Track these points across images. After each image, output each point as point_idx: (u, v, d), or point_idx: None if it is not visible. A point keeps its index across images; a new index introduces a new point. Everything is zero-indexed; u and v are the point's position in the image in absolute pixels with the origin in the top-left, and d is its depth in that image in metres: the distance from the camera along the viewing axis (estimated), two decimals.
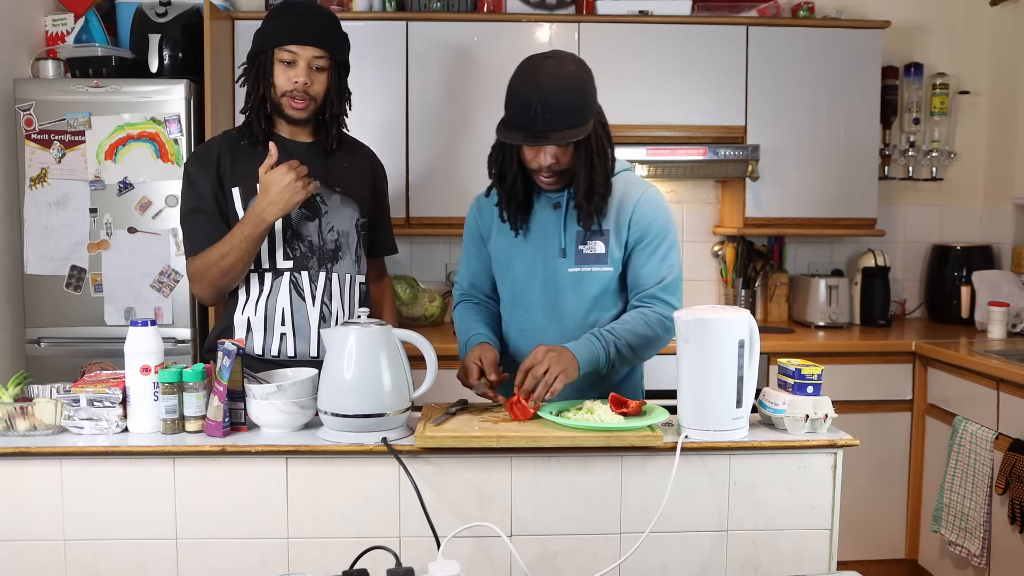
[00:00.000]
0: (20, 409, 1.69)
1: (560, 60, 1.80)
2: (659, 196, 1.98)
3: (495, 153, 1.93)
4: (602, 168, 1.88)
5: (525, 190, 1.95)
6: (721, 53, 3.38)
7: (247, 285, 2.07)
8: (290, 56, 1.99)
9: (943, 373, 3.14)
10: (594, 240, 1.93)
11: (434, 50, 3.30)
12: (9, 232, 3.05)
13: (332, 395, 1.65)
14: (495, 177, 1.94)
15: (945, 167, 3.84)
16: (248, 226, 1.94)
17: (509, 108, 1.81)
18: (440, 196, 3.31)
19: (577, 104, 1.78)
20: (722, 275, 3.79)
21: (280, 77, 2.00)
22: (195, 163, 2.07)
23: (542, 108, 1.74)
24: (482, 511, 1.67)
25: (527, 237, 1.98)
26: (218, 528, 1.67)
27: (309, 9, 2.03)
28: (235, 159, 2.05)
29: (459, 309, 2.13)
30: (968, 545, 2.88)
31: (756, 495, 1.70)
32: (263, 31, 2.03)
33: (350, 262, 2.12)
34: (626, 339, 1.86)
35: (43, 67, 3.12)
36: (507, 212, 1.96)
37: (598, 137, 1.87)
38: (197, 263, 2.02)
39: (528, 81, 1.77)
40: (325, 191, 2.07)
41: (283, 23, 2.00)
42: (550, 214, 1.96)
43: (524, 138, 1.78)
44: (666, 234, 1.94)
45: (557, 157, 1.84)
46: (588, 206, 1.88)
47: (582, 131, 1.79)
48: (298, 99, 2.01)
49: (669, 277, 1.93)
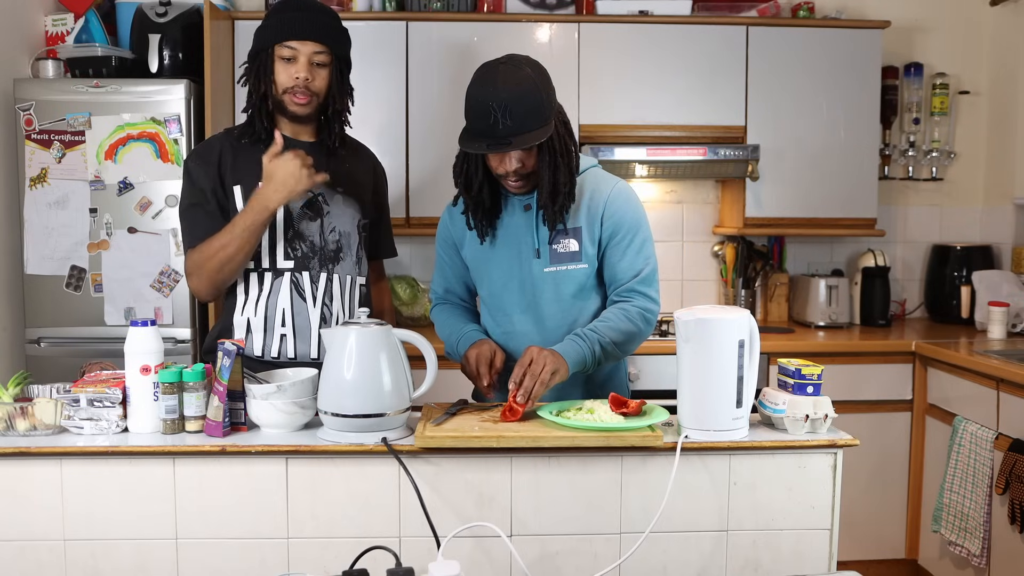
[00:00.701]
0: (20, 409, 1.69)
1: (515, 64, 1.80)
2: (629, 191, 1.99)
3: (459, 162, 1.93)
4: (566, 167, 1.88)
5: (492, 196, 1.95)
6: (721, 53, 3.38)
7: (246, 285, 2.06)
8: (290, 52, 1.98)
9: (943, 373, 3.14)
10: (567, 238, 1.94)
11: (434, 50, 3.30)
12: (9, 232, 3.05)
13: (332, 395, 1.65)
14: (461, 186, 1.95)
15: (945, 167, 3.84)
16: (250, 214, 1.93)
17: (469, 116, 1.81)
18: (440, 196, 3.26)
19: (536, 106, 1.78)
20: (722, 275, 3.79)
21: (281, 74, 2.00)
22: (196, 160, 2.07)
23: (501, 113, 1.74)
24: (482, 511, 1.67)
25: (500, 242, 1.98)
26: (218, 528, 1.67)
27: (309, 5, 2.03)
28: (236, 157, 2.05)
29: (439, 310, 2.14)
30: (968, 545, 2.88)
31: (756, 495, 1.70)
32: (263, 28, 2.03)
33: (351, 263, 2.12)
34: (609, 336, 1.87)
35: (43, 67, 3.12)
36: (474, 220, 1.97)
37: (560, 137, 1.87)
38: (195, 256, 2.00)
39: (485, 88, 1.78)
40: (327, 191, 2.07)
41: (283, 20, 2.00)
42: (521, 216, 1.96)
43: (487, 146, 1.79)
44: (639, 227, 1.95)
45: (522, 161, 1.84)
46: (553, 206, 1.89)
47: (544, 133, 1.80)
48: (300, 95, 2.00)
49: (646, 269, 1.94)
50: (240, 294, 2.07)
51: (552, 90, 1.85)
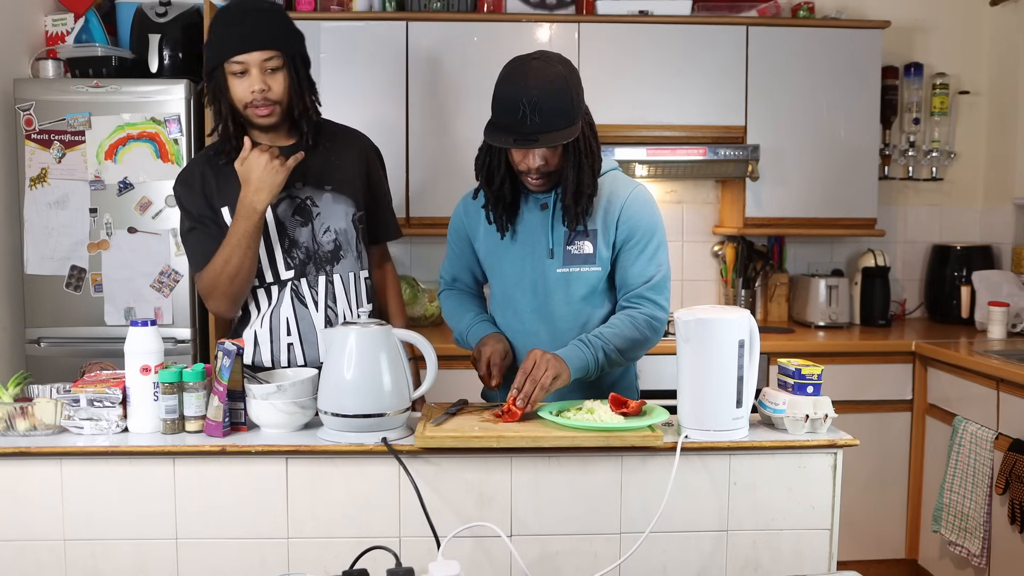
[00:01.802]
0: (20, 409, 1.69)
1: (547, 61, 1.79)
2: (646, 195, 1.98)
3: (482, 155, 1.92)
4: (590, 169, 1.87)
5: (512, 192, 1.94)
6: (721, 53, 3.38)
7: (256, 301, 2.05)
8: (240, 67, 1.91)
9: (943, 373, 3.14)
10: (582, 240, 1.93)
11: (434, 50, 3.30)
12: (9, 232, 3.05)
13: (332, 395, 1.65)
14: (482, 180, 1.94)
15: (945, 167, 3.84)
16: (242, 221, 1.91)
17: (496, 110, 1.80)
18: (440, 196, 3.31)
19: (565, 106, 1.77)
20: (722, 275, 3.79)
21: (236, 89, 1.93)
22: (181, 187, 2.04)
23: (531, 110, 1.73)
24: (482, 511, 1.67)
25: (515, 239, 1.98)
26: (218, 528, 1.67)
27: (248, 11, 1.94)
28: (218, 179, 2.01)
29: (446, 296, 2.15)
30: (968, 545, 2.88)
31: (756, 495, 1.70)
32: (210, 45, 1.94)
33: (352, 260, 2.09)
34: (614, 343, 1.86)
35: (43, 67, 3.12)
36: (494, 214, 1.96)
37: (586, 138, 1.86)
38: (205, 277, 1.98)
39: (516, 83, 1.76)
40: (315, 191, 2.04)
41: (225, 35, 1.92)
42: (537, 215, 1.96)
43: (514, 141, 1.77)
44: (653, 233, 1.94)
45: (546, 159, 1.84)
46: (575, 207, 1.88)
47: (571, 133, 1.79)
48: (260, 107, 1.94)
49: (657, 276, 1.93)
50: (253, 310, 2.06)
51: (581, 90, 1.83)
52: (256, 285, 2.03)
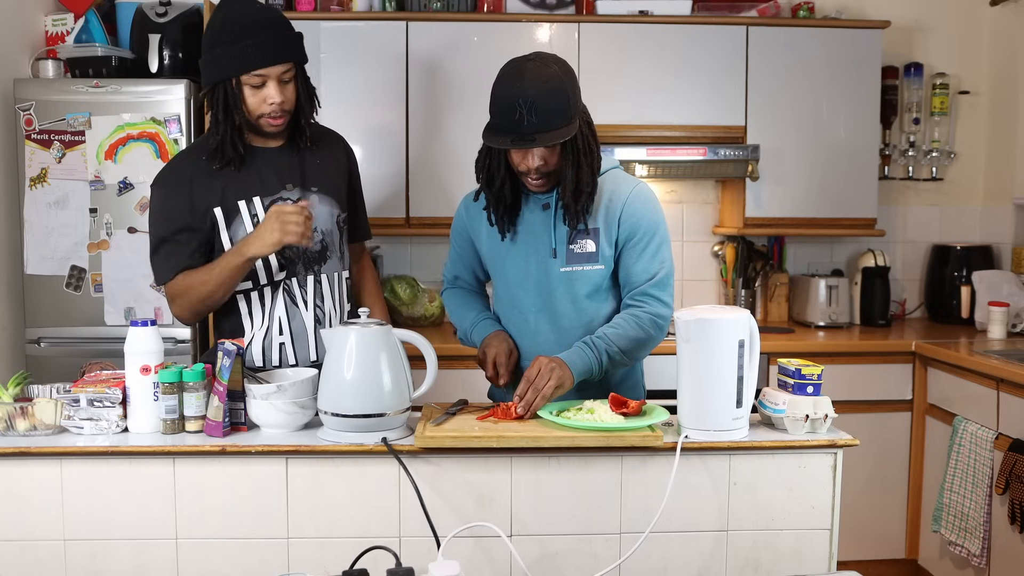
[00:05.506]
0: (20, 409, 1.69)
1: (542, 62, 1.80)
2: (648, 192, 1.98)
3: (482, 157, 1.93)
4: (589, 167, 1.88)
5: (513, 193, 1.95)
6: (721, 53, 3.38)
7: (248, 302, 2.05)
8: (260, 80, 1.92)
9: (943, 373, 3.14)
10: (584, 239, 1.94)
11: (434, 50, 3.30)
12: (9, 232, 3.05)
13: (332, 395, 1.65)
14: (483, 181, 1.95)
15: (945, 167, 3.84)
16: (232, 257, 1.91)
17: (494, 112, 1.81)
18: (440, 196, 3.31)
19: (562, 105, 1.78)
20: (722, 275, 3.79)
21: (251, 100, 1.94)
22: (165, 189, 2.01)
23: (527, 110, 1.74)
24: (482, 511, 1.67)
25: (517, 239, 1.98)
26: (218, 528, 1.67)
27: (262, 26, 1.92)
28: (213, 180, 1.99)
29: (449, 294, 2.17)
30: (968, 545, 2.88)
31: (756, 495, 1.70)
32: (223, 57, 1.91)
33: (336, 260, 2.10)
34: (618, 344, 1.87)
35: (43, 67, 3.12)
36: (495, 216, 1.97)
37: (584, 136, 1.87)
38: (174, 287, 1.98)
39: (511, 84, 1.77)
40: (303, 193, 2.04)
41: (246, 48, 1.90)
42: (539, 215, 1.96)
43: (511, 141, 1.79)
44: (656, 230, 1.94)
45: (545, 159, 1.84)
46: (575, 206, 1.89)
47: (568, 131, 1.80)
48: (276, 117, 1.96)
49: (660, 273, 1.93)
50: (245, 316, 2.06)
51: (578, 89, 1.85)
52: (250, 287, 2.03)
